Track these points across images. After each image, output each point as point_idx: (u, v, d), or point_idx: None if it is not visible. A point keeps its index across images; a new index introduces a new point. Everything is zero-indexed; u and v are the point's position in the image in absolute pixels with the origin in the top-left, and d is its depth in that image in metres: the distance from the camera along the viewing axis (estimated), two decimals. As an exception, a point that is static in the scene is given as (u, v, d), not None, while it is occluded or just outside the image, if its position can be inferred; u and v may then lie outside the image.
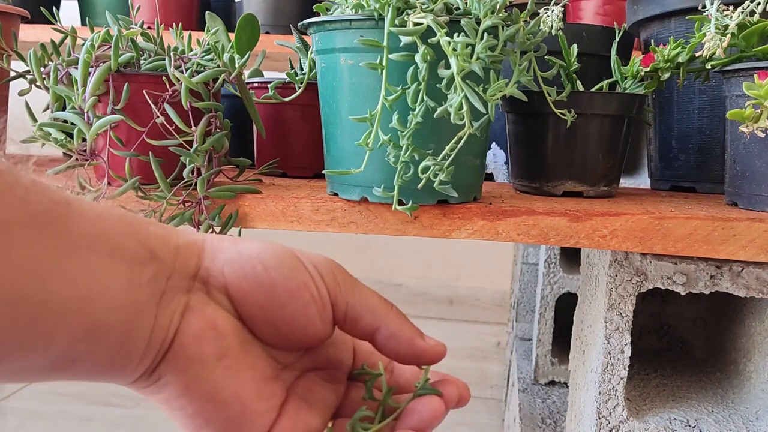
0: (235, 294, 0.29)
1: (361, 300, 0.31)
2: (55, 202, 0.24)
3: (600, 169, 0.61)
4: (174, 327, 0.27)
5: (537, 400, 0.96)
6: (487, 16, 0.48)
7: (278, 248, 0.31)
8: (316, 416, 0.31)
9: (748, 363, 0.65)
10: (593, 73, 0.68)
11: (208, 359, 0.28)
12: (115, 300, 0.25)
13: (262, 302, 0.29)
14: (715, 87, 0.68)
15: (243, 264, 0.29)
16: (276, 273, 0.29)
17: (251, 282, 0.29)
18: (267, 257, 0.30)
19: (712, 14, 0.56)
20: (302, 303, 0.30)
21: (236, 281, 0.29)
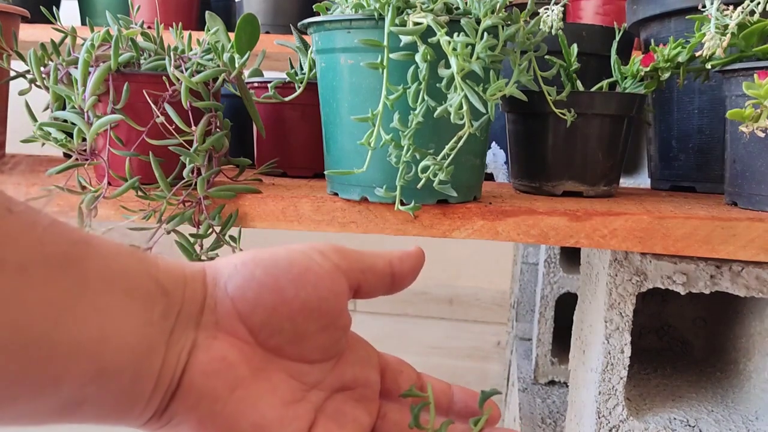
0: (244, 309, 0.28)
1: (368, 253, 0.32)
2: (73, 242, 0.24)
3: (600, 169, 0.61)
4: (182, 365, 0.27)
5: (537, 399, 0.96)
6: (487, 16, 0.48)
7: (271, 249, 0.30)
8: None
9: (748, 363, 0.65)
10: (593, 73, 0.68)
11: (220, 393, 0.27)
12: (127, 340, 0.25)
13: (272, 303, 0.29)
14: (715, 87, 0.68)
15: (242, 275, 0.29)
16: (275, 270, 0.29)
17: (255, 288, 0.29)
18: (262, 260, 0.29)
19: (712, 14, 0.56)
20: (311, 284, 0.29)
21: (241, 295, 0.28)
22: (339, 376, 0.32)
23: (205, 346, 0.27)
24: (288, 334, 0.29)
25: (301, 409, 0.29)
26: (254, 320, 0.29)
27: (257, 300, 0.28)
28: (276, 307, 0.29)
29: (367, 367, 0.33)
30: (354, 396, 0.32)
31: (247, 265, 0.29)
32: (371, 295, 0.32)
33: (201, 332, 0.28)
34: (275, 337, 0.29)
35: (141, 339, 0.25)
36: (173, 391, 0.27)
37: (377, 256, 0.32)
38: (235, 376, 0.28)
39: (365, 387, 0.33)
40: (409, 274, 0.33)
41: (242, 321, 0.28)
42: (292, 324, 0.29)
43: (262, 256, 0.29)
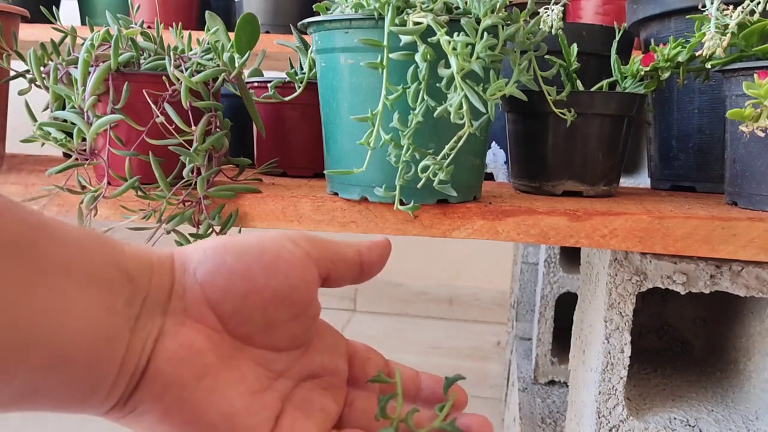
0: (214, 296, 0.28)
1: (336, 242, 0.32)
2: (29, 226, 0.23)
3: (600, 169, 0.61)
4: (147, 352, 0.26)
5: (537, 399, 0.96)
6: (487, 16, 0.48)
7: (241, 236, 0.30)
8: (315, 426, 0.30)
9: (748, 362, 0.65)
10: (593, 73, 0.68)
11: (187, 381, 0.26)
12: (87, 328, 0.24)
13: (243, 291, 0.28)
14: (715, 86, 0.67)
15: (212, 261, 0.28)
16: (247, 257, 0.28)
17: (226, 275, 0.28)
18: (233, 246, 0.29)
19: (712, 13, 0.56)
20: (282, 272, 0.29)
21: (211, 281, 0.28)
22: (307, 364, 0.31)
23: (172, 333, 0.27)
24: (258, 323, 0.29)
25: (268, 398, 0.29)
26: (224, 308, 0.28)
27: (227, 287, 0.28)
28: (247, 294, 0.28)
29: (335, 354, 0.33)
30: (321, 384, 0.32)
31: (217, 251, 0.28)
32: (340, 283, 0.32)
33: (168, 319, 0.27)
34: (245, 326, 0.29)
35: (102, 327, 0.25)
36: (138, 379, 0.26)
37: (347, 245, 0.32)
38: (202, 363, 0.27)
39: (333, 375, 0.32)
40: (377, 263, 0.33)
41: (211, 308, 0.28)
42: (262, 312, 0.29)
43: (233, 243, 0.29)
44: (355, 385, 0.33)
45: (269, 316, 0.29)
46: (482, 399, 1.41)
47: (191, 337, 0.27)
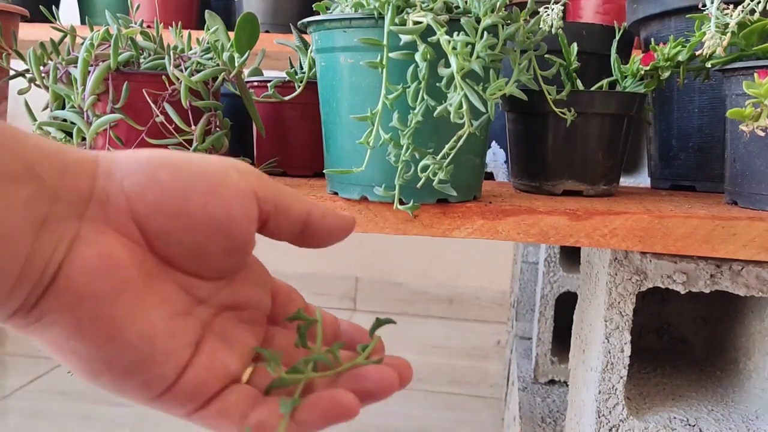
0: (141, 211, 0.25)
1: (288, 191, 0.30)
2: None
3: (600, 168, 0.61)
4: (58, 258, 0.24)
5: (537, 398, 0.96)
6: (487, 15, 0.48)
7: (183, 153, 0.28)
8: (235, 358, 0.28)
9: (748, 362, 0.65)
10: (593, 72, 0.68)
11: (104, 295, 0.24)
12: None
13: (175, 212, 0.26)
14: (716, 86, 0.67)
15: (144, 174, 0.26)
16: (185, 176, 0.26)
17: (158, 191, 0.26)
18: (172, 162, 0.26)
19: (713, 13, 0.56)
20: (223, 201, 0.27)
21: (139, 195, 0.25)
22: (231, 294, 0.29)
23: (89, 240, 0.24)
24: (187, 249, 0.27)
25: (189, 324, 0.27)
26: (151, 225, 0.26)
27: (158, 204, 0.26)
28: (179, 216, 0.26)
29: (259, 289, 0.31)
30: (242, 317, 0.30)
31: (152, 165, 0.26)
32: (275, 235, 0.30)
33: (86, 225, 0.25)
34: (172, 248, 0.26)
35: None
36: (46, 284, 0.24)
37: (297, 199, 0.30)
38: (123, 277, 0.25)
39: (255, 309, 0.31)
40: (326, 234, 0.31)
41: (137, 223, 0.26)
42: (193, 238, 0.26)
43: (173, 158, 0.26)
44: (275, 323, 0.32)
45: (200, 244, 0.27)
46: (482, 398, 1.41)
47: (111, 247, 0.25)
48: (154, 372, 0.25)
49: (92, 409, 1.30)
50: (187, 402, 0.27)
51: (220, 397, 0.27)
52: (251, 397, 0.28)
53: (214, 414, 0.27)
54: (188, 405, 0.27)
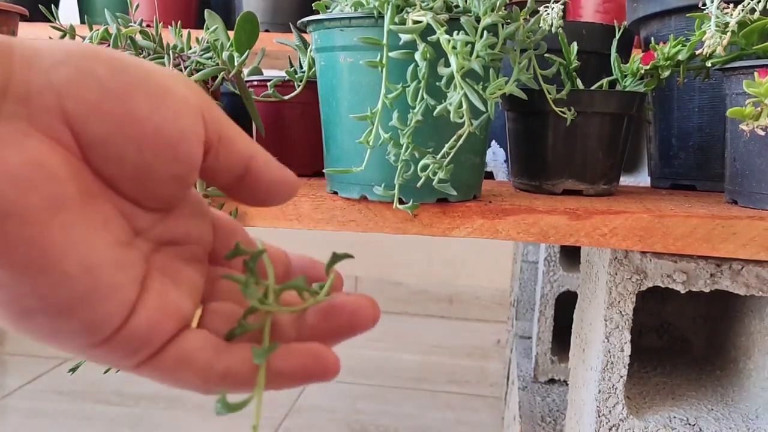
0: (76, 111, 0.21)
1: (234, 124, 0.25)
2: None
3: (600, 168, 0.61)
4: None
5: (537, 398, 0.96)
6: (487, 14, 0.48)
7: (118, 52, 0.23)
8: (186, 297, 0.24)
9: (748, 361, 0.65)
10: (593, 71, 0.68)
11: (36, 214, 0.19)
12: None
13: (117, 116, 0.21)
14: (716, 85, 0.67)
15: (77, 67, 0.21)
16: (126, 75, 0.22)
17: (96, 89, 0.21)
18: (109, 58, 0.22)
19: (713, 12, 0.56)
20: (171, 111, 0.22)
21: (74, 92, 0.21)
22: (170, 227, 0.25)
23: (12, 143, 0.19)
24: (129, 166, 0.22)
25: (134, 256, 0.23)
26: (88, 131, 0.21)
27: (96, 106, 0.21)
28: (122, 122, 0.21)
29: (200, 222, 0.26)
30: (183, 253, 0.26)
31: (86, 57, 0.21)
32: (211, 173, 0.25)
33: (5, 124, 0.20)
34: (110, 165, 0.22)
35: None
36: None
37: (243, 136, 0.26)
38: (57, 192, 0.20)
39: (196, 244, 0.26)
40: (267, 185, 0.26)
41: (70, 126, 0.21)
42: (137, 152, 0.22)
43: (108, 54, 0.22)
44: (217, 262, 0.27)
45: (144, 163, 0.22)
46: (482, 397, 1.42)
47: (41, 153, 0.20)
48: (99, 311, 0.21)
49: (92, 409, 1.30)
50: (138, 349, 0.22)
51: (174, 342, 0.23)
52: (212, 342, 0.24)
53: (172, 363, 0.23)
54: (138, 353, 0.22)
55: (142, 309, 0.22)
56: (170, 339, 0.23)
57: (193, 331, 0.23)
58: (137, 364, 0.23)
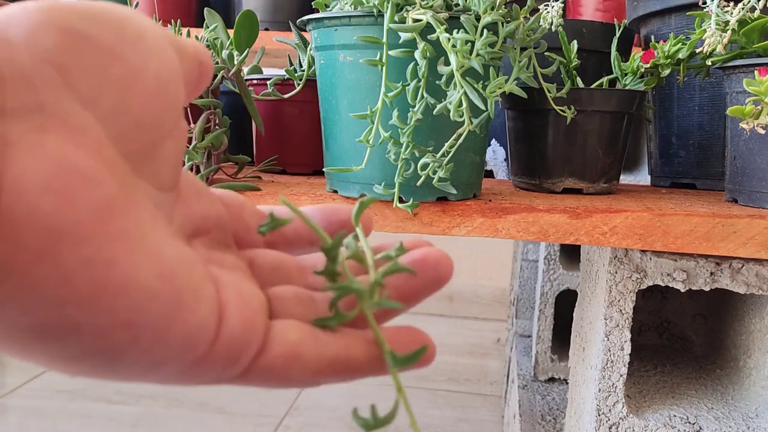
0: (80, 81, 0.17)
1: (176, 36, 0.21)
2: None
3: (600, 166, 0.61)
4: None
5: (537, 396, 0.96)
6: (487, 13, 0.48)
7: None
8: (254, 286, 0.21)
9: (748, 360, 0.65)
10: (593, 70, 0.68)
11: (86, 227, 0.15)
12: None
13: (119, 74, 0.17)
14: (716, 83, 0.67)
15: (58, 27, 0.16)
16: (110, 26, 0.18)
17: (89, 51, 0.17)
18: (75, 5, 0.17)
19: (713, 10, 0.56)
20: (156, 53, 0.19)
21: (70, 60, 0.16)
22: (188, 212, 0.21)
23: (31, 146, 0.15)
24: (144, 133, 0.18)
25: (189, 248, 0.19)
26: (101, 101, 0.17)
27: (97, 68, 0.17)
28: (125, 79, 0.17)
29: (210, 202, 0.23)
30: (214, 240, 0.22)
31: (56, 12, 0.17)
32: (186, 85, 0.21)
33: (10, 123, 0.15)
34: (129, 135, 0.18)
35: None
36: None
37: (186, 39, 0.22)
38: (102, 197, 0.16)
39: (218, 229, 0.23)
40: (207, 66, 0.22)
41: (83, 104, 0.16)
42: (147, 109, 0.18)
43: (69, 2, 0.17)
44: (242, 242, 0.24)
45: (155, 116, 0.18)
46: (482, 396, 1.42)
47: (70, 152, 0.16)
48: (191, 321, 0.17)
49: (92, 407, 1.30)
50: (240, 354, 0.19)
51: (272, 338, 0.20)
52: (308, 331, 0.20)
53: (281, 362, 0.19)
54: (242, 358, 0.19)
55: (228, 308, 0.19)
56: (266, 335, 0.20)
57: (283, 323, 0.20)
58: (243, 371, 0.19)
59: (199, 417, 1.24)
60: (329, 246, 0.23)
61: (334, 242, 0.23)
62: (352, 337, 0.21)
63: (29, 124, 0.15)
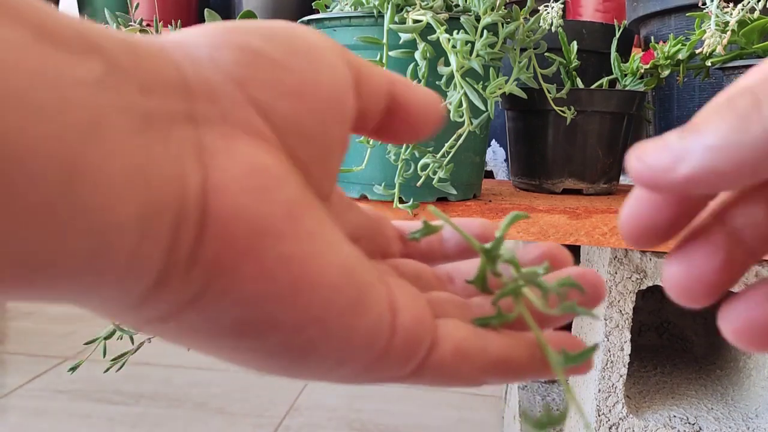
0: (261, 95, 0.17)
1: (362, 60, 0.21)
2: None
3: (600, 167, 0.61)
4: (196, 181, 0.15)
5: (537, 397, 0.96)
6: (487, 13, 0.48)
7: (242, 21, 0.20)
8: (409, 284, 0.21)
9: (748, 360, 0.65)
10: (593, 70, 0.68)
11: (282, 225, 0.16)
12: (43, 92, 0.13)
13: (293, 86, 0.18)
14: (716, 84, 0.67)
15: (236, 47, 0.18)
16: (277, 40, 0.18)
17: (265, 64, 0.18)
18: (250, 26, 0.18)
19: (713, 11, 0.56)
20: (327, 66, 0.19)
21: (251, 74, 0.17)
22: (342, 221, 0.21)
23: (224, 150, 0.16)
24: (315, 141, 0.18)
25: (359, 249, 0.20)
26: (279, 113, 0.17)
27: (273, 82, 0.18)
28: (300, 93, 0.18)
29: (359, 214, 0.24)
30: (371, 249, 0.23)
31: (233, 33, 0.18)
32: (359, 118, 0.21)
33: (203, 128, 0.16)
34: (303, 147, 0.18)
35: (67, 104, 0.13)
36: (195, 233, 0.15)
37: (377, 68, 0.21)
38: (291, 197, 0.17)
39: (367, 239, 0.23)
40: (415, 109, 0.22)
41: (263, 115, 0.17)
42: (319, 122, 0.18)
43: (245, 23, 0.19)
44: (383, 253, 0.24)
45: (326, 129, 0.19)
46: (482, 396, 1.42)
47: (258, 155, 0.17)
48: (371, 318, 0.18)
49: (92, 408, 1.30)
50: (415, 351, 0.19)
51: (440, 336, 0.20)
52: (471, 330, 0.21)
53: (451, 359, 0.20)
54: (416, 355, 0.19)
55: (399, 305, 0.19)
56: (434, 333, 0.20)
57: (448, 321, 0.21)
58: (415, 368, 0.19)
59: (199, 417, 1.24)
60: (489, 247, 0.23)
61: (494, 243, 0.23)
62: (514, 338, 0.21)
63: (219, 131, 0.16)
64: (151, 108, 0.15)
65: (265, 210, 0.16)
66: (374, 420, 1.29)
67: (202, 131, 0.16)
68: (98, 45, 0.14)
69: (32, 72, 0.13)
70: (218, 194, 0.15)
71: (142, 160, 0.14)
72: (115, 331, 0.57)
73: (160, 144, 0.15)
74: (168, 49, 0.17)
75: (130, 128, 0.14)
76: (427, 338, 0.19)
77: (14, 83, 0.12)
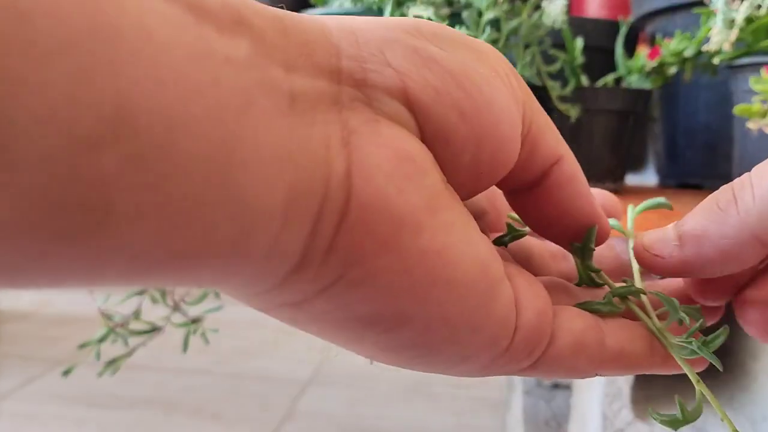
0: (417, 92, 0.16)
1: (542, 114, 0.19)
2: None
3: (605, 166, 0.60)
4: (341, 164, 0.15)
5: (541, 402, 0.95)
6: (489, 9, 0.47)
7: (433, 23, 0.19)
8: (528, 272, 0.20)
9: (754, 364, 0.64)
10: (598, 68, 0.67)
11: (420, 216, 0.15)
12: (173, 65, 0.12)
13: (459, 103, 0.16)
14: (723, 82, 0.67)
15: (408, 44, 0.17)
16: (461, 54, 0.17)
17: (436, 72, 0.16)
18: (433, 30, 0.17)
19: (719, 8, 0.55)
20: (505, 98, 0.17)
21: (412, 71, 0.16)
22: None
23: (369, 133, 0.15)
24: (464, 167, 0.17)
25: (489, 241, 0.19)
26: (433, 120, 0.16)
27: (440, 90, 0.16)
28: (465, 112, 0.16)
29: None
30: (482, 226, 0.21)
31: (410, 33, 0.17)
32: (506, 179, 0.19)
33: (347, 112, 0.15)
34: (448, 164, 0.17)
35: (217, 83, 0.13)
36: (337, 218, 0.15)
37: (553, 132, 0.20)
38: (432, 188, 0.16)
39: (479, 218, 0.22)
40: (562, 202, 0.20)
41: (413, 113, 0.16)
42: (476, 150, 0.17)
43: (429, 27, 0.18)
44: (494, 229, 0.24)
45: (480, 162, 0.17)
46: (484, 401, 1.41)
47: (403, 142, 0.16)
48: (498, 314, 0.17)
49: (86, 413, 1.29)
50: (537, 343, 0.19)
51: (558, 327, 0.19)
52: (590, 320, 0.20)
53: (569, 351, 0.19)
54: (538, 347, 0.19)
55: (521, 299, 0.19)
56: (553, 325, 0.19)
57: (566, 311, 0.20)
58: (535, 361, 0.19)
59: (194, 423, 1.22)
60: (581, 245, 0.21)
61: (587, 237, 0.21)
62: (632, 330, 0.21)
63: (364, 116, 0.16)
64: (296, 88, 0.14)
65: (407, 200, 0.15)
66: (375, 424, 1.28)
67: (346, 115, 0.15)
68: (247, 20, 0.14)
69: (187, 49, 0.12)
70: (362, 181, 0.15)
71: (290, 143, 0.14)
72: (109, 335, 0.56)
73: (306, 126, 0.14)
74: (331, 32, 0.16)
75: (277, 109, 0.14)
76: (547, 334, 0.19)
77: (170, 60, 0.12)
